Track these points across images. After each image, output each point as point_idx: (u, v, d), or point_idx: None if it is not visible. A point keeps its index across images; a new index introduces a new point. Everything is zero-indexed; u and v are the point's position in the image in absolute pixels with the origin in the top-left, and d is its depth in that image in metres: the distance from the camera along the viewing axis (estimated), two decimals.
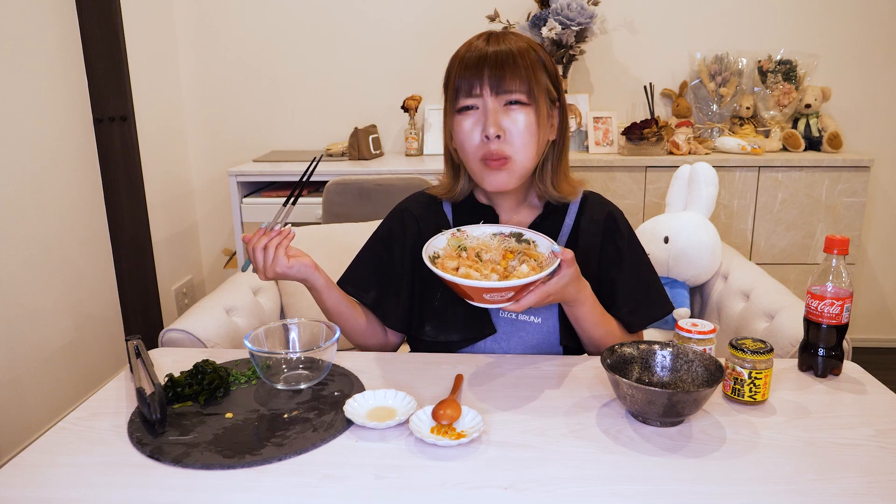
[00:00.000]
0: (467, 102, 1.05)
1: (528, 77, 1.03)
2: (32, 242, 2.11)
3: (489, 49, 1.04)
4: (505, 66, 1.02)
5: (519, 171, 1.08)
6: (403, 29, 2.86)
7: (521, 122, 1.04)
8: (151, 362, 1.05)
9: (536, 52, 1.06)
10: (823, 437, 0.87)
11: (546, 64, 1.08)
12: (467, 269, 0.96)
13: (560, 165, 1.14)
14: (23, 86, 2.08)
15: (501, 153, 1.05)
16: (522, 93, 1.03)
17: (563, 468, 0.80)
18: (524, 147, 1.05)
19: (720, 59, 2.72)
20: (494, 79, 1.03)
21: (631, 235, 1.18)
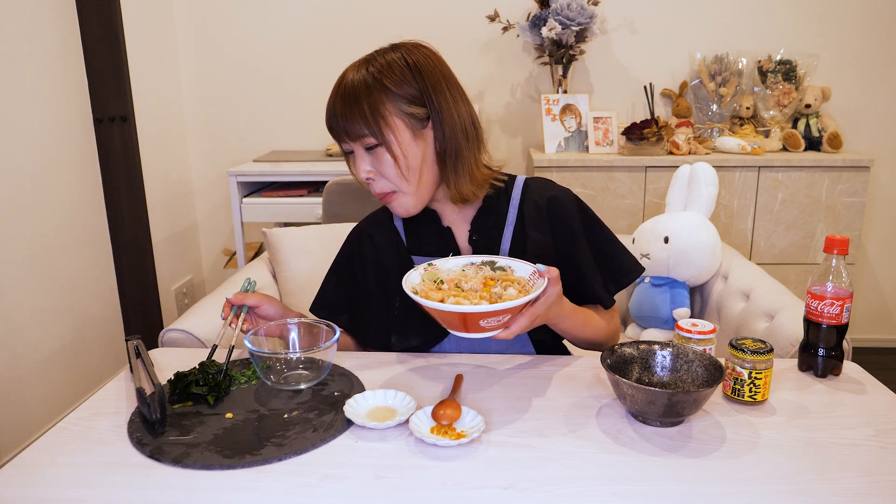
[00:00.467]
0: (344, 148, 1.10)
1: (368, 119, 1.02)
2: (32, 242, 2.11)
3: (337, 95, 1.06)
4: (346, 115, 1.04)
5: (412, 194, 1.09)
6: (403, 29, 2.86)
7: (384, 160, 1.05)
8: (151, 362, 1.05)
9: (382, 83, 1.03)
10: (823, 437, 0.87)
11: (395, 90, 1.04)
12: (456, 299, 0.93)
13: (451, 172, 1.10)
14: (23, 86, 2.08)
15: (383, 191, 1.09)
16: (372, 135, 1.04)
17: (563, 468, 0.80)
18: (400, 178, 1.07)
19: (720, 59, 2.72)
20: (343, 128, 1.05)
21: (582, 211, 1.17)
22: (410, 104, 1.05)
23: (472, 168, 1.11)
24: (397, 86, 1.04)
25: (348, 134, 1.05)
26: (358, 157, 1.07)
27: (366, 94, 1.03)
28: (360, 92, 1.03)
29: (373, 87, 1.03)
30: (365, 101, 1.02)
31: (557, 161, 2.50)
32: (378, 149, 1.05)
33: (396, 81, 1.04)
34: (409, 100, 1.05)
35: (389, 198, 1.10)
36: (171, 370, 1.08)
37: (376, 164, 1.06)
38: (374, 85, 1.03)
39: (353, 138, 1.05)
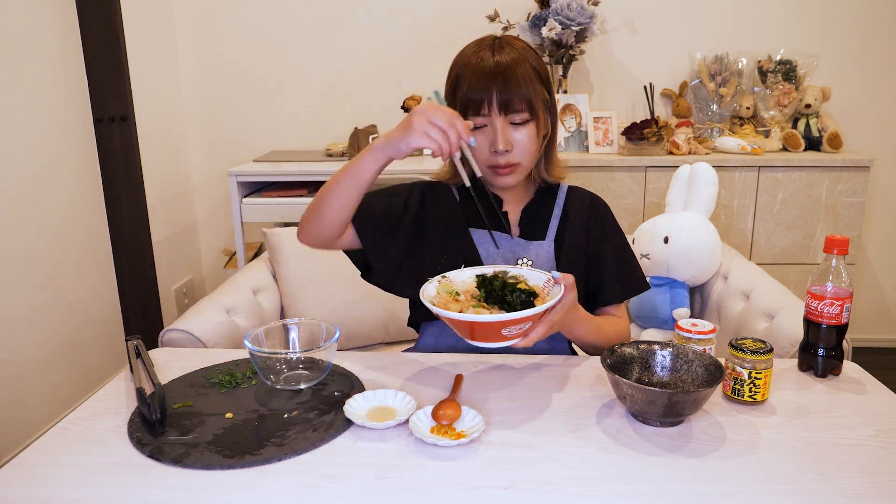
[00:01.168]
0: (477, 121, 1.13)
1: (530, 93, 1.11)
2: (33, 242, 2.11)
3: (494, 67, 1.10)
4: (510, 86, 1.10)
5: (525, 170, 1.18)
6: (403, 29, 2.86)
7: (527, 135, 1.13)
8: (151, 362, 1.05)
9: (531, 63, 1.13)
10: (823, 437, 0.87)
11: (540, 72, 1.15)
12: (476, 309, 0.94)
13: (551, 153, 1.24)
14: (23, 86, 2.08)
15: (510, 162, 1.14)
16: (526, 111, 1.12)
17: (563, 468, 0.80)
18: (529, 154, 1.15)
19: (720, 59, 2.72)
20: (502, 99, 1.10)
21: (611, 217, 1.28)
22: (545, 90, 1.17)
23: (556, 155, 1.26)
24: (542, 73, 1.15)
25: (506, 106, 1.10)
26: (501, 128, 1.12)
27: (525, 74, 1.11)
28: (519, 71, 1.10)
29: (528, 69, 1.12)
30: (527, 79, 1.11)
31: None
32: (524, 125, 1.13)
33: (541, 69, 1.15)
34: (546, 87, 1.17)
35: (511, 169, 1.15)
36: (171, 370, 1.08)
37: (517, 137, 1.13)
38: (528, 68, 1.12)
39: (508, 111, 1.11)
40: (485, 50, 1.13)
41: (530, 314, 0.89)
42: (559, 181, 1.27)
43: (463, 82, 1.12)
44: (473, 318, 0.89)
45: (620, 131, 2.60)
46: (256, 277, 1.74)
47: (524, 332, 0.93)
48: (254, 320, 1.56)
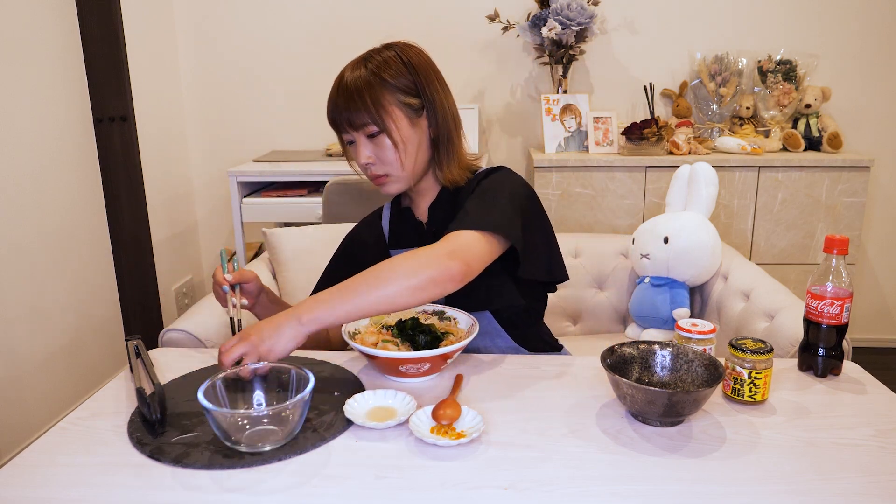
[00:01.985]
0: (345, 138, 1.18)
1: (371, 106, 1.11)
2: (32, 242, 2.11)
3: (339, 89, 1.14)
4: (348, 105, 1.12)
5: (403, 177, 1.18)
6: (403, 29, 2.86)
7: (385, 146, 1.14)
8: (151, 362, 1.05)
9: (380, 77, 1.12)
10: (823, 437, 0.87)
11: (392, 82, 1.12)
12: (384, 343, 1.04)
13: (444, 157, 1.20)
14: (23, 86, 2.08)
15: (377, 174, 1.18)
16: (374, 123, 1.12)
17: (563, 468, 0.80)
18: (396, 163, 1.15)
19: (720, 59, 2.72)
20: (345, 119, 1.14)
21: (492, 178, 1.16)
22: (407, 95, 1.15)
23: (461, 153, 1.23)
24: (395, 79, 1.14)
25: (351, 124, 1.14)
26: (359, 144, 1.16)
27: (367, 87, 1.12)
28: (361, 85, 1.12)
29: (373, 80, 1.12)
30: (366, 92, 1.11)
31: (557, 161, 2.50)
32: (379, 136, 1.14)
33: (393, 75, 1.14)
34: (406, 91, 1.15)
35: (383, 180, 1.18)
36: (171, 370, 1.08)
37: (376, 150, 1.15)
38: (373, 79, 1.12)
39: (355, 127, 1.14)
40: (348, 66, 1.16)
41: (426, 356, 0.97)
42: (458, 184, 1.20)
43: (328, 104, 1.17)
44: (373, 352, 0.99)
45: (620, 131, 2.60)
46: None
47: (425, 371, 1.01)
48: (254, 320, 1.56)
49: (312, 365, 1.09)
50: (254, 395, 0.93)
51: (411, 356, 0.98)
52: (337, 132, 1.19)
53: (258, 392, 0.93)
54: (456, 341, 1.04)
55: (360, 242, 1.35)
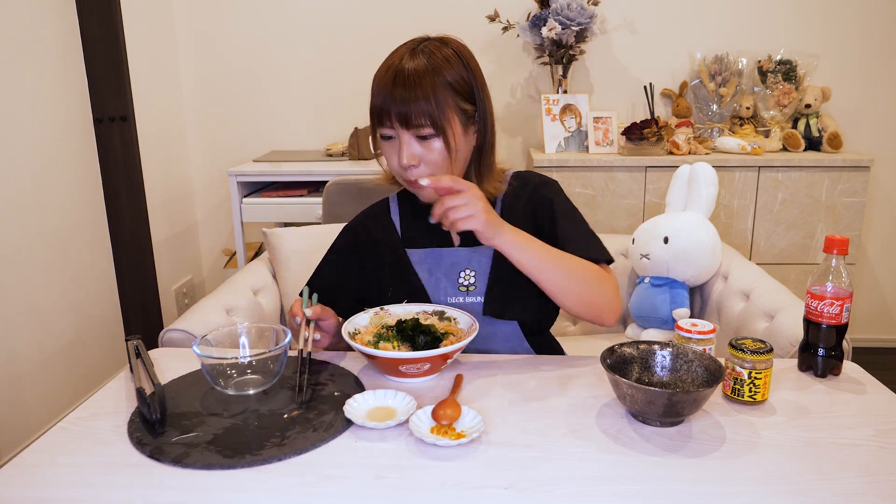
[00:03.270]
0: (384, 132, 1.10)
1: (432, 110, 1.05)
2: (32, 242, 2.11)
3: (397, 78, 1.06)
4: (408, 102, 1.04)
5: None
6: (403, 29, 2.84)
7: (434, 150, 1.08)
8: (151, 362, 1.05)
9: (443, 75, 1.06)
10: (823, 437, 0.87)
11: (453, 83, 1.08)
12: (384, 343, 1.04)
13: (482, 167, 1.17)
14: (23, 86, 2.08)
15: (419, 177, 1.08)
16: (428, 126, 1.06)
17: (563, 468, 0.80)
18: (440, 170, 1.09)
19: (720, 59, 2.72)
20: (400, 114, 1.05)
21: (561, 197, 1.21)
22: (464, 101, 1.09)
23: (494, 165, 1.18)
24: (456, 82, 1.08)
25: (405, 121, 1.05)
26: (405, 142, 1.07)
27: (430, 86, 1.05)
28: (424, 83, 1.05)
29: (438, 81, 1.05)
30: (430, 92, 1.04)
31: (557, 161, 2.50)
32: (431, 140, 1.07)
33: (455, 78, 1.08)
34: (464, 97, 1.09)
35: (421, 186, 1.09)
36: (171, 370, 1.08)
37: (425, 153, 1.08)
38: (438, 79, 1.06)
39: (409, 126, 1.06)
40: (398, 59, 1.08)
41: (425, 356, 0.97)
42: (495, 195, 1.19)
43: (372, 89, 1.10)
44: (372, 352, 0.99)
45: (620, 131, 2.60)
46: (256, 277, 1.74)
47: (425, 372, 1.01)
48: (254, 320, 1.56)
49: (312, 365, 1.09)
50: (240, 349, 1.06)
51: (411, 356, 0.97)
52: (377, 122, 1.10)
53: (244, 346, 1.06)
54: (456, 341, 1.04)
55: (368, 235, 1.26)
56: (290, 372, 1.06)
